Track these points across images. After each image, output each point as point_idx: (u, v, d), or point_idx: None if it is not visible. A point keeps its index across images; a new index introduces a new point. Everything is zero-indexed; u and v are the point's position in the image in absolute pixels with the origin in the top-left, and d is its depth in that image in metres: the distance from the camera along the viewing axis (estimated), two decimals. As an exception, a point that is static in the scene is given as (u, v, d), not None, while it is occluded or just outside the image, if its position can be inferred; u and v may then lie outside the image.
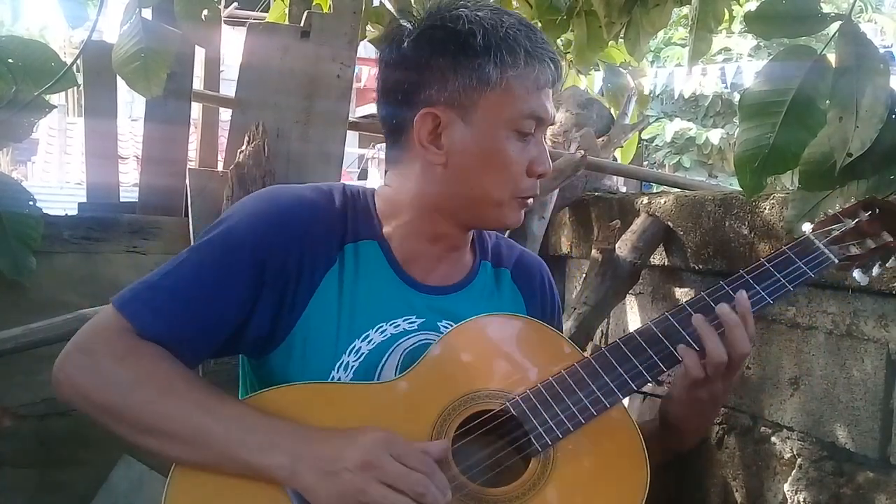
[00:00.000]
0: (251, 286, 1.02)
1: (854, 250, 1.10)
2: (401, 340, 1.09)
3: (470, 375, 1.04)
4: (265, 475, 0.92)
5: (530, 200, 1.11)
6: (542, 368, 1.05)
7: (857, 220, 1.12)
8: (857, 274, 1.12)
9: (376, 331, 1.08)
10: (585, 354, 1.08)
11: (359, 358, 1.06)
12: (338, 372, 1.06)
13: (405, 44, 1.06)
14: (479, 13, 1.05)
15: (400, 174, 1.12)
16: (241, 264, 1.02)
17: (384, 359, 1.08)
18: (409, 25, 1.08)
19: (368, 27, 2.86)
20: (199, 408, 0.95)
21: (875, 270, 1.13)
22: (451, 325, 1.09)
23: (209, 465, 0.94)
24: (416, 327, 1.10)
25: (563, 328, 1.43)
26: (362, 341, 1.07)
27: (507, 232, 1.55)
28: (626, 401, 1.07)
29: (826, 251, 1.09)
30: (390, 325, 1.09)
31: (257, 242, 1.02)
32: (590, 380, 1.03)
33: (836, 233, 1.11)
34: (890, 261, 1.13)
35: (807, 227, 1.13)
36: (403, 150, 1.10)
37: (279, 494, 0.92)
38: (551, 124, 1.13)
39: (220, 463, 0.93)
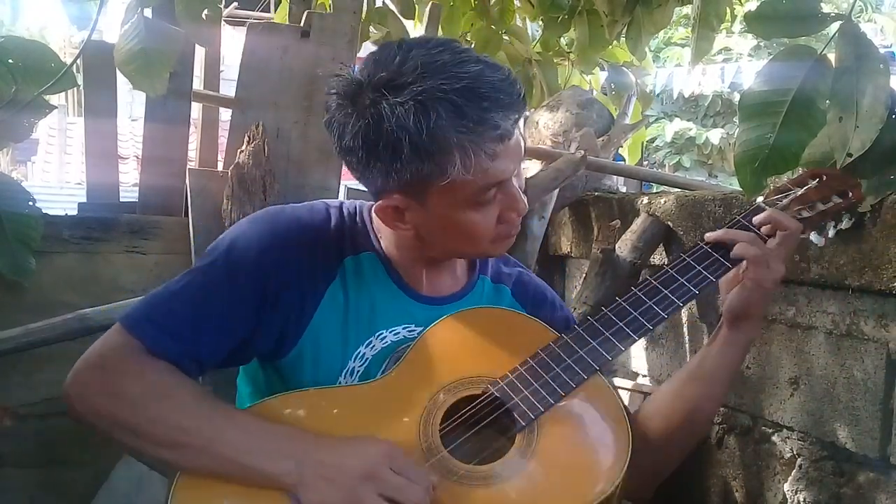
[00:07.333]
0: (255, 306, 1.06)
1: (805, 214, 1.17)
2: (401, 348, 1.12)
3: (452, 365, 1.08)
4: (273, 481, 0.95)
5: (514, 232, 1.11)
6: (522, 352, 1.09)
7: (805, 187, 1.19)
8: (813, 237, 1.20)
9: (377, 337, 1.12)
10: (560, 334, 1.11)
11: (364, 363, 1.11)
12: (344, 377, 1.10)
13: (346, 137, 1.00)
14: (409, 99, 0.93)
15: (380, 219, 1.11)
16: (244, 286, 1.06)
17: (384, 365, 1.11)
18: (343, 101, 1.00)
19: (371, 28, 2.86)
20: (209, 420, 0.99)
21: (830, 232, 1.21)
22: None
23: (220, 473, 0.97)
24: (416, 335, 1.13)
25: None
26: (366, 347, 1.11)
27: None
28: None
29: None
30: (390, 332, 1.13)
31: (258, 265, 1.06)
32: (565, 355, 1.08)
33: (786, 200, 1.18)
34: (843, 221, 1.21)
35: (759, 199, 1.20)
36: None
37: (281, 501, 0.95)
38: (522, 160, 1.07)
39: (231, 471, 0.97)
